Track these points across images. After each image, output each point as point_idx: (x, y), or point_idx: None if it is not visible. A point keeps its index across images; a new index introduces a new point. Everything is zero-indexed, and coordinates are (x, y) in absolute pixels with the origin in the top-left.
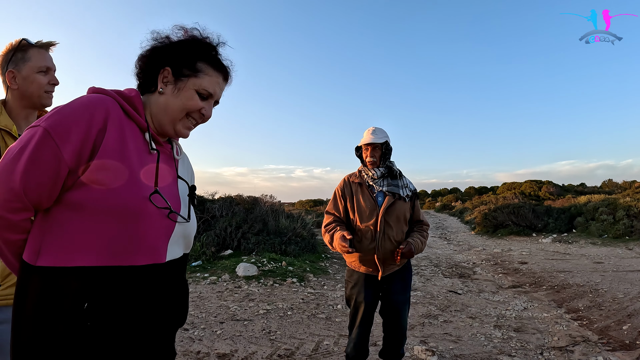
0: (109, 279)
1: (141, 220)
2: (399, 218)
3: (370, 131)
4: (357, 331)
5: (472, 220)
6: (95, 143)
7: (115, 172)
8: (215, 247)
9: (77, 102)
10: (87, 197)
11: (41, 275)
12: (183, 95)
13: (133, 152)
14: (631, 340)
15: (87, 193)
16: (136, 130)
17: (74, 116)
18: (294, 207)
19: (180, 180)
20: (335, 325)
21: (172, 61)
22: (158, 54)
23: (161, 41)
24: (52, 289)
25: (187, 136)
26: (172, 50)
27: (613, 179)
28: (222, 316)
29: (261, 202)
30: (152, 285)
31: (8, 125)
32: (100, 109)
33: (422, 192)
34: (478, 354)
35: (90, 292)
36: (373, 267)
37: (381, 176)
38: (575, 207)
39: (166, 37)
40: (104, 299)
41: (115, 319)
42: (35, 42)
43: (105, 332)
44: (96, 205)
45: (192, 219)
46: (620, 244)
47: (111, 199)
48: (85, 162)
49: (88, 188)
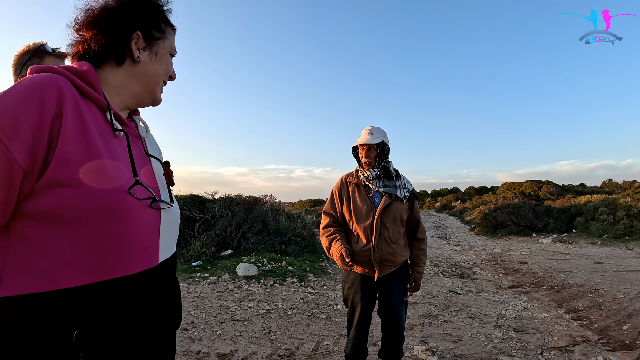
0: (97, 298)
1: (125, 220)
2: (395, 219)
3: (367, 130)
4: (355, 332)
5: (472, 220)
6: (51, 134)
7: (83, 167)
8: (215, 247)
9: (19, 85)
10: (53, 203)
11: (9, 308)
12: (163, 60)
13: (97, 138)
14: (631, 340)
15: (53, 198)
16: (95, 111)
17: (19, 104)
18: (294, 207)
19: (154, 160)
20: (335, 325)
21: (141, 23)
22: (126, 14)
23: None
24: (26, 322)
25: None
26: (138, 10)
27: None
28: (222, 316)
29: (261, 202)
30: (147, 294)
31: None
32: (50, 91)
33: (422, 192)
34: (478, 354)
35: (77, 318)
36: (369, 268)
37: (377, 177)
38: (575, 207)
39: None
40: (95, 323)
41: (111, 343)
42: (52, 49)
43: (103, 358)
44: (67, 212)
45: (175, 202)
46: (620, 244)
47: (85, 201)
48: (42, 159)
49: (52, 192)
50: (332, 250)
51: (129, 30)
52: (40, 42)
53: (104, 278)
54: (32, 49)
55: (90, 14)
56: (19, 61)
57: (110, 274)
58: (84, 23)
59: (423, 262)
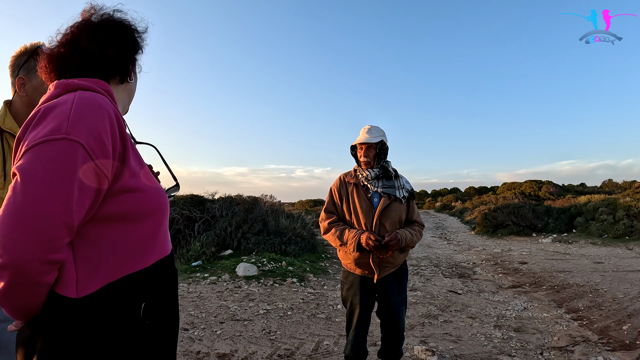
0: (153, 275)
1: (165, 213)
2: (394, 220)
3: (365, 130)
4: (354, 333)
5: (472, 220)
6: (119, 149)
7: (141, 174)
8: (215, 247)
9: (87, 104)
10: (127, 205)
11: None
12: (135, 79)
13: (135, 148)
14: (631, 340)
15: (126, 202)
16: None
17: (99, 123)
18: (294, 207)
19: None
20: (335, 325)
21: (139, 48)
22: (133, 38)
23: (126, 24)
24: (109, 305)
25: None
26: (137, 36)
27: (613, 179)
28: (222, 316)
29: (261, 202)
30: (173, 271)
31: (13, 128)
32: (110, 110)
33: (422, 192)
34: (478, 354)
35: (143, 293)
36: (369, 269)
37: (375, 177)
38: (575, 207)
39: (126, 22)
40: (153, 296)
41: (161, 311)
42: None
43: (156, 326)
44: (138, 212)
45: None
46: (620, 244)
47: (149, 202)
48: (118, 171)
49: (124, 197)
50: (347, 237)
51: (133, 52)
52: (37, 43)
53: (157, 259)
54: (29, 50)
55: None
56: (16, 62)
57: (160, 254)
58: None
59: (412, 230)
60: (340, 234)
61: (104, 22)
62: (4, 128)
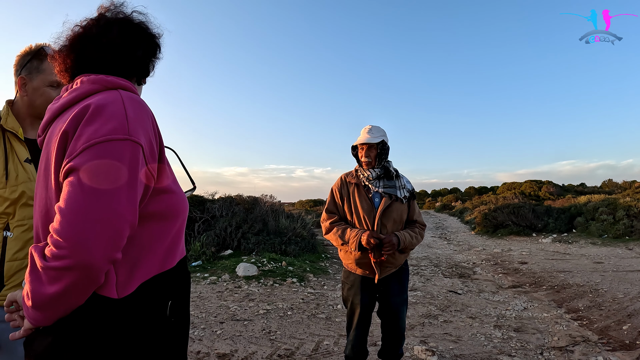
0: (177, 273)
1: (186, 214)
2: (395, 220)
3: (366, 130)
4: (355, 333)
5: (472, 220)
6: (158, 150)
7: (174, 177)
8: (215, 247)
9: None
10: (164, 205)
11: (131, 301)
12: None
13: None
14: (631, 340)
15: (163, 202)
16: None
17: (148, 125)
18: (294, 207)
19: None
20: (335, 325)
21: (160, 53)
22: (157, 43)
23: (152, 28)
24: (143, 305)
25: None
26: (158, 40)
27: (613, 179)
28: (222, 316)
29: (261, 202)
30: (188, 271)
31: (15, 128)
32: (151, 112)
33: (422, 192)
34: (478, 354)
35: (170, 291)
36: (370, 270)
37: (377, 177)
38: (575, 207)
39: (152, 25)
40: (177, 293)
41: (183, 308)
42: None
43: (179, 323)
44: (171, 212)
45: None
46: (620, 244)
47: (182, 203)
48: (158, 172)
49: (163, 197)
50: (349, 236)
51: (155, 58)
52: (41, 44)
53: (180, 257)
54: (33, 51)
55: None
56: (20, 62)
57: (182, 254)
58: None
59: (412, 232)
60: (342, 234)
61: (135, 23)
62: (6, 127)
